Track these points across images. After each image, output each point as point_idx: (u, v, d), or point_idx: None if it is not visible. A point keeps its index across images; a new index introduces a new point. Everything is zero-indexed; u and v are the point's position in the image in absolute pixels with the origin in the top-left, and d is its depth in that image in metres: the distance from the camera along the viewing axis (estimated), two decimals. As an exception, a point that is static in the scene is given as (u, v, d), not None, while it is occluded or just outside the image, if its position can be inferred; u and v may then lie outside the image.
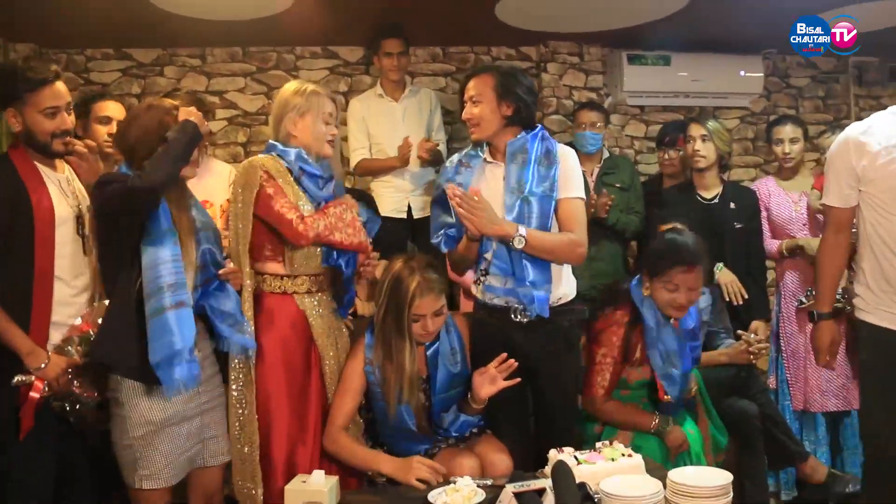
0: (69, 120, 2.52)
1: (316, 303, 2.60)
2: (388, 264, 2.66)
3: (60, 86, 2.46)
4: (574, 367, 2.79)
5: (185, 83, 4.52)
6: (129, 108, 4.37)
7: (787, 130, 3.81)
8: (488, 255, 2.63)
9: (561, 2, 3.99)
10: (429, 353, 2.65)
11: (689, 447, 2.82)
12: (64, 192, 2.52)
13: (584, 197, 2.71)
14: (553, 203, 2.60)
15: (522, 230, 2.50)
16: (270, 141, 2.64)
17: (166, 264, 2.20)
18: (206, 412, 2.40)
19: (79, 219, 2.52)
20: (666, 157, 4.06)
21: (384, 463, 2.50)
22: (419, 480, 2.37)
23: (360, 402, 2.63)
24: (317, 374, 2.61)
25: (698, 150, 3.65)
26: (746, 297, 3.54)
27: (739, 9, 4.13)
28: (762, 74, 4.91)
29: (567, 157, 2.69)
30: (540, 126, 2.73)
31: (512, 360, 2.52)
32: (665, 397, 2.80)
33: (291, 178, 2.54)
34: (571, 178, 2.66)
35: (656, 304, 2.82)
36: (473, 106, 2.67)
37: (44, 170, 2.48)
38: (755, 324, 3.60)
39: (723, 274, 3.57)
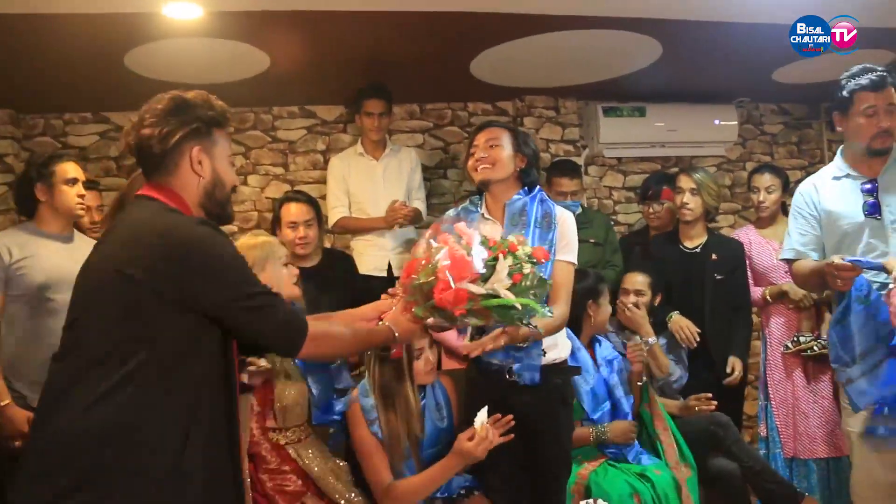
0: None
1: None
2: None
3: None
4: (568, 426, 2.75)
5: (163, 145, 4.50)
6: (106, 170, 4.46)
7: (765, 179, 3.83)
8: None
9: (535, 58, 4.04)
10: None
11: (634, 435, 3.05)
12: None
13: (575, 262, 2.69)
14: (550, 266, 2.55)
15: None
16: None
17: None
18: None
19: None
20: (651, 210, 4.07)
21: (453, 462, 2.48)
22: None
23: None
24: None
25: (686, 203, 3.67)
26: (699, 340, 3.51)
27: (711, 60, 4.21)
28: (736, 122, 4.97)
29: (565, 220, 2.68)
30: (538, 188, 2.72)
31: (509, 416, 2.48)
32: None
33: None
34: (567, 240, 2.64)
35: (597, 326, 3.25)
36: (490, 148, 2.65)
37: None
38: (731, 360, 3.59)
39: (673, 322, 3.56)
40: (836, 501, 3.57)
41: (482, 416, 2.41)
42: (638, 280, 3.55)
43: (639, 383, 3.24)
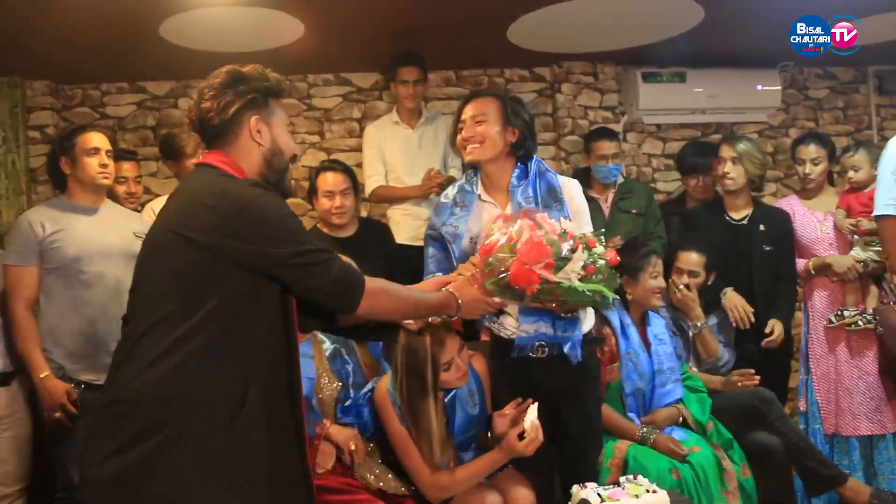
0: None
1: None
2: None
3: None
4: (596, 399, 2.72)
5: (199, 115, 4.52)
6: (144, 140, 4.49)
7: (811, 150, 3.69)
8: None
9: (574, 22, 3.95)
10: (447, 398, 2.59)
11: (683, 452, 2.88)
12: None
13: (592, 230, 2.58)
14: None
15: None
16: None
17: None
18: None
19: None
20: (697, 182, 4.00)
21: (501, 457, 2.45)
22: None
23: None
24: None
25: (728, 173, 3.59)
26: (754, 320, 3.45)
27: (755, 22, 4.08)
28: (779, 87, 4.84)
29: (573, 192, 2.58)
30: (535, 160, 2.61)
31: (530, 399, 2.44)
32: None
33: None
34: (580, 215, 2.54)
35: (640, 301, 3.13)
36: (476, 125, 2.54)
37: None
38: (772, 321, 3.53)
39: (728, 299, 3.49)
40: (880, 480, 3.51)
41: (532, 414, 2.37)
42: (693, 259, 3.42)
43: None
